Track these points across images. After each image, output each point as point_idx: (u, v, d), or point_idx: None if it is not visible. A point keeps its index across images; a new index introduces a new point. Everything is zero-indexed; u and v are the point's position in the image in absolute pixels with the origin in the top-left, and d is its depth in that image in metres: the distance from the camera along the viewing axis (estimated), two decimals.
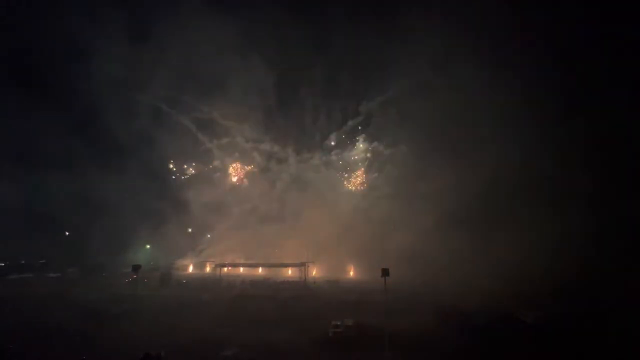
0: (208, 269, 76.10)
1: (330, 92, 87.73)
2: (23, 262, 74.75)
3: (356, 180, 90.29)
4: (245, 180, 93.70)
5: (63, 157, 79.33)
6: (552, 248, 58.46)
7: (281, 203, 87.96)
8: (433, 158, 76.23)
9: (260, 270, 74.50)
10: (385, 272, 35.71)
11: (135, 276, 50.15)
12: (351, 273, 73.12)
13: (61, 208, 75.37)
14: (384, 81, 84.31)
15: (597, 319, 36.95)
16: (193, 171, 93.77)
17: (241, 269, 73.78)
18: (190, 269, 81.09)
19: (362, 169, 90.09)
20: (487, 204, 69.31)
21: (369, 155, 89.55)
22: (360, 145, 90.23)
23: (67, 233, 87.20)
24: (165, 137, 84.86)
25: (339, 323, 34.40)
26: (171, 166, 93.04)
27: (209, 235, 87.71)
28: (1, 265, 71.96)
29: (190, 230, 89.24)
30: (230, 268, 69.36)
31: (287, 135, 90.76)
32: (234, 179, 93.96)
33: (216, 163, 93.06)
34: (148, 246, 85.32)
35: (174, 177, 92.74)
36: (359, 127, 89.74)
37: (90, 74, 78.86)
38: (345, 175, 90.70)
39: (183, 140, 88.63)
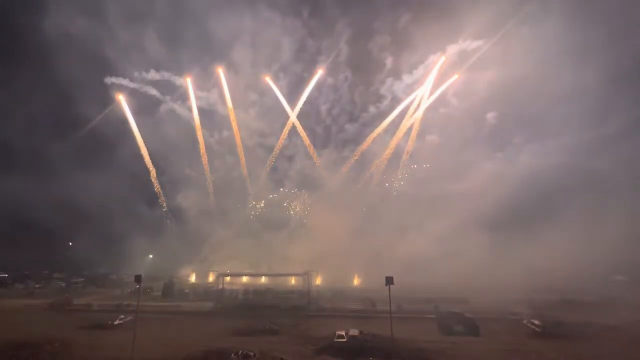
0: (210, 278, 75.45)
1: (352, 67, 77.31)
2: (27, 272, 74.76)
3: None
4: None
5: (63, 167, 78.40)
6: (574, 257, 56.73)
7: (287, 206, 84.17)
8: (464, 153, 70.92)
9: (263, 279, 73.81)
10: (389, 281, 35.19)
11: (137, 286, 49.85)
12: (355, 282, 72.10)
13: (63, 218, 75.66)
14: (417, 54, 73.22)
15: (610, 329, 36.06)
16: (192, 173, 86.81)
17: (244, 278, 73.13)
18: (193, 278, 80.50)
19: None
20: (512, 208, 65.76)
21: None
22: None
23: (70, 243, 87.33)
24: (163, 138, 79.70)
25: (343, 333, 33.78)
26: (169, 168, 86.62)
27: (211, 243, 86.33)
28: (5, 276, 72.09)
29: (192, 238, 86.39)
30: (232, 277, 68.78)
31: (297, 127, 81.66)
32: None
33: (217, 163, 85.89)
34: (151, 255, 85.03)
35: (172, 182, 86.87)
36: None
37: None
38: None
39: (182, 139, 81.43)
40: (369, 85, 79.99)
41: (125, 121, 77.87)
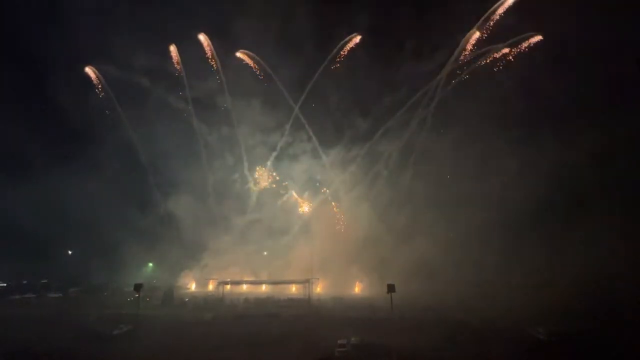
0: (211, 287, 74.81)
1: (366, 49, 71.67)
2: (25, 282, 74.07)
3: None
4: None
5: (63, 176, 75.89)
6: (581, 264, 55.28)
7: (289, 211, 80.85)
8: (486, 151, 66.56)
9: (263, 287, 73.26)
10: (391, 289, 35.02)
11: (137, 295, 49.37)
12: (357, 289, 71.34)
13: (61, 227, 74.87)
14: (439, 39, 69.34)
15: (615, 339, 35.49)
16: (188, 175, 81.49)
17: (244, 286, 72.54)
18: (193, 286, 79.78)
19: None
20: (522, 213, 63.13)
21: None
22: None
23: (69, 252, 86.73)
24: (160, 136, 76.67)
25: (345, 342, 33.37)
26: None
27: (211, 250, 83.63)
28: (3, 286, 71.43)
29: (191, 245, 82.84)
30: (233, 285, 68.30)
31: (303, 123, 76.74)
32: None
33: (217, 164, 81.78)
34: (150, 264, 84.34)
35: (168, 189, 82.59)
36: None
37: None
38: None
39: (177, 136, 77.31)
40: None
41: (117, 113, 77.12)
